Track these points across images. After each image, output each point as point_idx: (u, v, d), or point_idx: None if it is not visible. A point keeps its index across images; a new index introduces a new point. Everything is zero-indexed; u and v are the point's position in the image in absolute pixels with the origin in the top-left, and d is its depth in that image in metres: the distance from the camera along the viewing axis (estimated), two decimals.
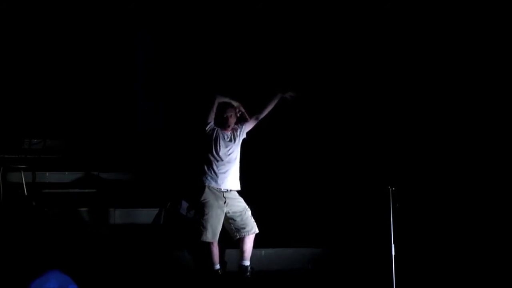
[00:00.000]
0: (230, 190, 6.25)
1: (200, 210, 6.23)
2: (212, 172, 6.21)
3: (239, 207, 6.25)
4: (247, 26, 8.49)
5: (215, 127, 6.32)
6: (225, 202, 6.19)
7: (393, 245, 5.70)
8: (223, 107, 6.32)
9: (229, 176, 6.24)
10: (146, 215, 7.07)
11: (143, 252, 6.25)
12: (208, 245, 6.19)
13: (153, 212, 6.96)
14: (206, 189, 6.22)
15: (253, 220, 6.25)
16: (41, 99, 9.05)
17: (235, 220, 6.22)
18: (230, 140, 6.31)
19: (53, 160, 8.23)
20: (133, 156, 8.37)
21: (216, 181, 6.20)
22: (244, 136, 6.39)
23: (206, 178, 6.22)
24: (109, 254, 6.26)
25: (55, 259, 5.92)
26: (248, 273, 6.21)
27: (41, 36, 9.14)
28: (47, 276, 4.77)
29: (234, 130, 6.38)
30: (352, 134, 7.75)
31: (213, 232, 6.15)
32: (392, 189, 5.72)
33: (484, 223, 6.61)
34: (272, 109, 6.41)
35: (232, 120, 6.34)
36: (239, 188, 6.31)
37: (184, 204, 6.83)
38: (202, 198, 6.22)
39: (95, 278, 5.70)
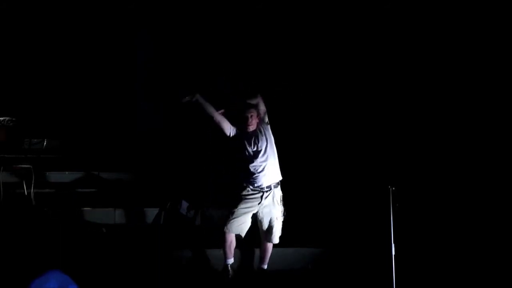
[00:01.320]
0: (270, 190, 6.09)
1: (234, 202, 6.11)
2: (251, 174, 6.06)
3: (271, 214, 6.14)
4: (247, 26, 8.49)
5: (236, 131, 6.14)
6: (259, 203, 6.09)
7: (393, 245, 5.70)
8: (242, 108, 6.11)
9: (268, 172, 6.08)
10: (146, 215, 7.08)
11: (143, 252, 6.25)
12: (224, 234, 6.10)
13: (153, 212, 6.96)
14: (248, 188, 6.09)
15: (279, 231, 6.19)
16: (41, 99, 9.06)
17: (261, 223, 6.17)
18: (255, 136, 6.11)
19: (53, 160, 8.23)
20: (133, 156, 8.37)
21: (256, 181, 6.06)
22: (266, 119, 6.19)
23: (248, 180, 6.09)
24: (109, 254, 6.26)
25: (55, 259, 5.92)
26: (261, 276, 6.24)
27: (41, 36, 9.14)
28: (47, 276, 4.77)
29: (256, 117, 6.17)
30: (352, 134, 7.75)
31: (236, 226, 6.07)
32: (392, 189, 5.71)
33: (484, 223, 6.61)
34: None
35: (254, 120, 6.10)
36: (280, 178, 6.19)
37: (184, 204, 6.84)
38: (241, 193, 6.10)
39: (95, 278, 5.70)
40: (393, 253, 5.70)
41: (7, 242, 6.16)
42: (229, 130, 6.13)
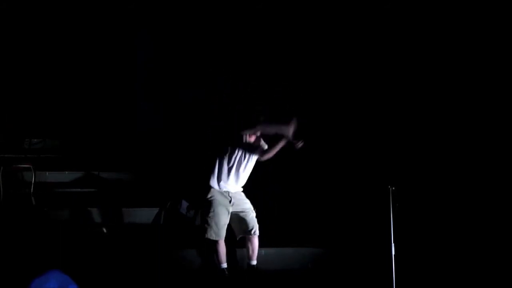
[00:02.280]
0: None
1: (205, 208, 6.17)
2: (221, 179, 6.15)
3: (245, 206, 6.21)
4: (247, 26, 8.49)
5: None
6: (230, 201, 6.15)
7: (393, 245, 5.70)
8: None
9: (236, 184, 6.22)
10: (146, 215, 7.07)
11: (143, 252, 6.25)
12: (214, 243, 6.15)
13: (153, 212, 6.96)
14: (212, 188, 6.18)
15: (256, 221, 6.23)
16: (41, 99, 9.07)
17: (240, 219, 6.20)
18: (251, 148, 6.20)
19: (53, 160, 8.24)
20: (133, 156, 8.37)
21: (223, 186, 6.16)
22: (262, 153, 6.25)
23: (213, 181, 6.16)
24: (109, 254, 6.26)
25: (55, 259, 5.93)
26: (254, 272, 6.23)
27: (42, 36, 9.15)
28: (47, 276, 4.78)
29: (257, 140, 6.28)
30: (352, 134, 7.75)
31: (218, 230, 6.11)
32: (392, 189, 5.72)
33: (484, 223, 6.61)
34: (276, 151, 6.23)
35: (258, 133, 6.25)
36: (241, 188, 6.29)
37: (184, 204, 6.83)
38: (208, 196, 6.16)
39: (95, 278, 5.70)
40: (393, 253, 5.70)
41: (7, 242, 6.16)
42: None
